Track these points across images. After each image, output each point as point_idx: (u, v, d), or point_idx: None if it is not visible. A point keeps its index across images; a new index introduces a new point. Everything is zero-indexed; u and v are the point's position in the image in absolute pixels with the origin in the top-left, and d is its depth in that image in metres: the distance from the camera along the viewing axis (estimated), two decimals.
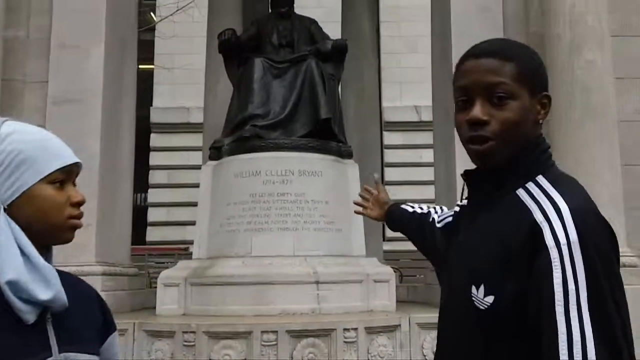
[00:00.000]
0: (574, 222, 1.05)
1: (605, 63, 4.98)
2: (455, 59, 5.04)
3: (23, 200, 1.12)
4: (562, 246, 1.03)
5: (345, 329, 4.34)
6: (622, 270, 4.24)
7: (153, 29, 14.39)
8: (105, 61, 5.34)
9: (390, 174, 13.92)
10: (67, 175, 1.17)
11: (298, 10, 6.97)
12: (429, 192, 8.82)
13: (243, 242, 5.29)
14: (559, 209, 1.07)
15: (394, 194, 14.98)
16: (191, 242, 6.24)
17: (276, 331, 4.26)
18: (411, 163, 13.80)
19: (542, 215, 1.07)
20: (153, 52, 14.89)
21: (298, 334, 4.30)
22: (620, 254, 4.34)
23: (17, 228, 1.10)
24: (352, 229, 5.54)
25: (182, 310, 5.13)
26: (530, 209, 1.10)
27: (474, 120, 1.15)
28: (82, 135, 5.10)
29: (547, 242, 1.04)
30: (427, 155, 9.78)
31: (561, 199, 1.09)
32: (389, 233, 7.55)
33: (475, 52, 1.19)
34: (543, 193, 1.12)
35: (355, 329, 4.37)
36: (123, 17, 5.88)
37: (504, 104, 1.14)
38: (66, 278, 1.20)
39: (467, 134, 1.17)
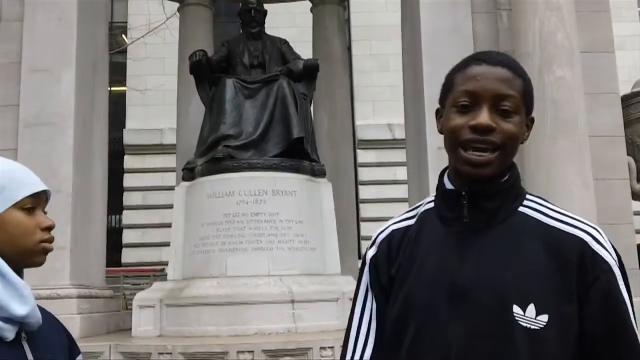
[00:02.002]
0: (610, 242, 1.14)
1: (575, 79, 5.04)
2: (426, 78, 5.15)
3: (2, 226, 1.19)
4: (614, 267, 1.11)
5: (321, 347, 4.37)
6: None
7: (125, 51, 14.38)
8: (76, 85, 5.35)
9: (365, 192, 14.01)
10: (36, 201, 1.23)
11: (271, 30, 7.05)
12: (403, 209, 8.89)
13: (218, 262, 5.30)
14: (594, 229, 1.14)
15: (369, 212, 14.98)
16: (167, 263, 6.22)
17: (252, 351, 4.27)
18: (385, 181, 13.90)
19: (588, 236, 1.12)
20: (125, 74, 14.86)
21: (274, 354, 4.31)
22: None
23: None
24: (326, 248, 5.59)
25: (157, 331, 5.10)
26: (563, 229, 1.13)
27: (483, 126, 1.10)
28: (54, 158, 5.10)
29: (604, 263, 1.11)
30: (401, 173, 9.86)
31: (581, 219, 1.16)
32: (364, 250, 7.59)
33: (487, 60, 1.16)
34: (557, 213, 1.16)
35: (332, 347, 4.39)
36: (94, 41, 5.90)
37: (509, 117, 1.13)
38: None
39: (467, 137, 1.12)
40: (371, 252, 1.26)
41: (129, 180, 14.56)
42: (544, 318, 1.07)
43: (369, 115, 14.62)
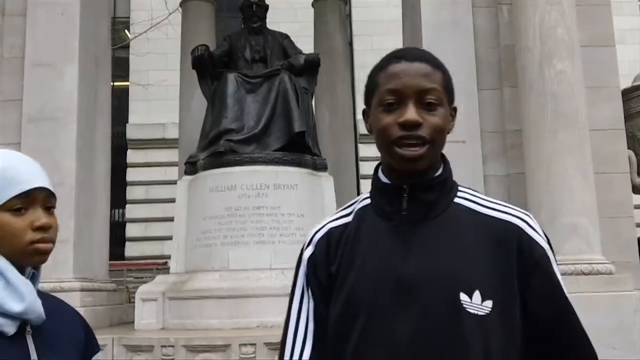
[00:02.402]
0: (540, 227, 1.19)
1: (575, 73, 5.04)
2: None
3: None
4: (548, 252, 1.16)
5: None
6: (599, 278, 4.39)
7: (127, 47, 14.39)
8: (79, 79, 5.37)
9: (367, 185, 14.04)
10: (27, 200, 1.20)
11: (273, 25, 7.07)
12: None
13: (220, 256, 5.34)
14: (526, 215, 1.18)
15: None
16: (169, 257, 6.26)
17: (254, 344, 4.31)
18: None
19: (522, 222, 1.16)
20: (128, 69, 14.88)
21: (276, 347, 4.34)
22: (596, 262, 4.45)
23: None
24: None
25: (160, 324, 5.15)
26: (498, 217, 1.17)
27: (411, 122, 1.13)
28: (57, 152, 5.13)
29: (540, 248, 1.15)
30: None
31: (511, 206, 1.20)
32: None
33: (406, 56, 1.18)
34: (489, 202, 1.20)
35: None
36: (96, 36, 5.93)
37: (434, 110, 1.15)
38: (49, 299, 1.29)
39: (398, 134, 1.13)
40: (308, 252, 1.26)
41: (131, 175, 14.61)
42: (489, 304, 1.10)
43: None
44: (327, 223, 1.28)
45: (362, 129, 14.77)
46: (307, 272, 1.25)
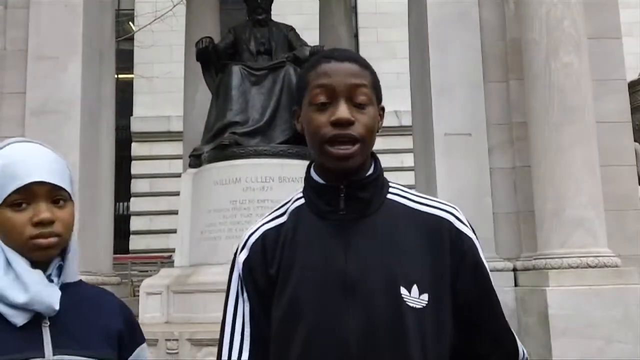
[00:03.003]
0: (466, 218, 1.24)
1: (582, 65, 5.01)
2: (433, 65, 5.14)
3: None
4: (475, 242, 1.23)
5: None
6: (605, 271, 4.37)
7: (132, 39, 14.38)
8: (82, 72, 5.36)
9: None
10: (28, 195, 1.19)
11: (278, 18, 7.04)
12: None
13: (224, 249, 5.33)
14: (453, 208, 1.24)
15: None
16: (174, 250, 6.26)
17: None
18: (392, 168, 13.91)
19: (451, 216, 1.22)
20: (132, 61, 14.87)
21: None
22: (602, 255, 4.45)
23: (1, 243, 1.19)
24: None
25: (165, 318, 5.15)
26: (428, 212, 1.22)
27: (343, 120, 1.15)
28: (61, 146, 5.10)
29: (469, 239, 1.22)
30: (408, 160, 9.87)
31: (440, 200, 1.27)
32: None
33: (336, 57, 1.20)
34: (419, 197, 1.26)
35: None
36: (100, 28, 5.91)
37: (364, 109, 1.17)
38: (89, 290, 1.31)
39: (331, 134, 1.15)
40: (243, 255, 1.25)
41: (136, 168, 14.63)
42: (425, 297, 1.15)
43: None
44: (261, 225, 1.28)
45: None
46: (242, 275, 1.24)
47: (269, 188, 5.49)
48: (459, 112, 5.34)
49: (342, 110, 1.15)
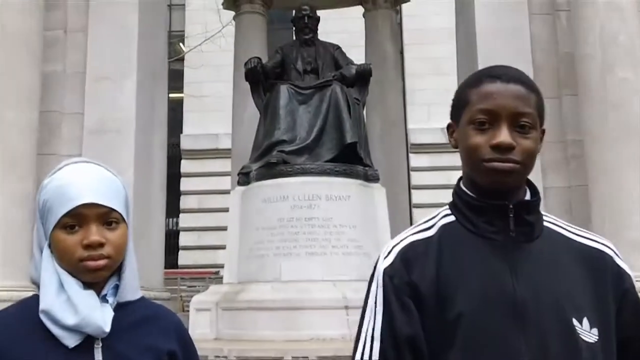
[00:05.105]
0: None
1: (638, 80, 4.91)
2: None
3: (52, 245, 1.23)
4: (633, 279, 1.20)
5: None
6: None
7: (182, 59, 14.75)
8: (137, 93, 5.52)
9: (418, 196, 13.89)
10: (79, 218, 1.20)
11: (322, 36, 7.11)
12: None
13: (272, 267, 5.36)
14: (610, 243, 1.22)
15: (422, 217, 15.06)
16: (222, 266, 6.34)
17: (307, 357, 4.29)
18: (439, 185, 13.77)
19: (610, 250, 1.20)
20: (182, 81, 15.23)
21: None
22: None
23: (56, 264, 1.22)
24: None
25: (214, 334, 5.19)
26: (587, 244, 1.19)
27: (504, 145, 1.11)
28: (117, 164, 5.26)
29: (628, 276, 1.20)
30: (455, 178, 9.81)
31: (594, 234, 1.24)
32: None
33: (502, 76, 1.15)
34: (574, 227, 1.23)
35: None
36: (154, 50, 6.08)
37: (527, 133, 1.13)
38: (149, 309, 1.31)
39: (489, 156, 1.12)
40: (386, 263, 1.21)
41: (185, 184, 14.91)
42: (595, 331, 1.11)
43: (423, 119, 14.50)
44: (409, 236, 1.24)
45: (414, 138, 14.68)
46: (382, 282, 1.20)
47: (316, 206, 5.51)
48: None
49: (504, 135, 1.12)
